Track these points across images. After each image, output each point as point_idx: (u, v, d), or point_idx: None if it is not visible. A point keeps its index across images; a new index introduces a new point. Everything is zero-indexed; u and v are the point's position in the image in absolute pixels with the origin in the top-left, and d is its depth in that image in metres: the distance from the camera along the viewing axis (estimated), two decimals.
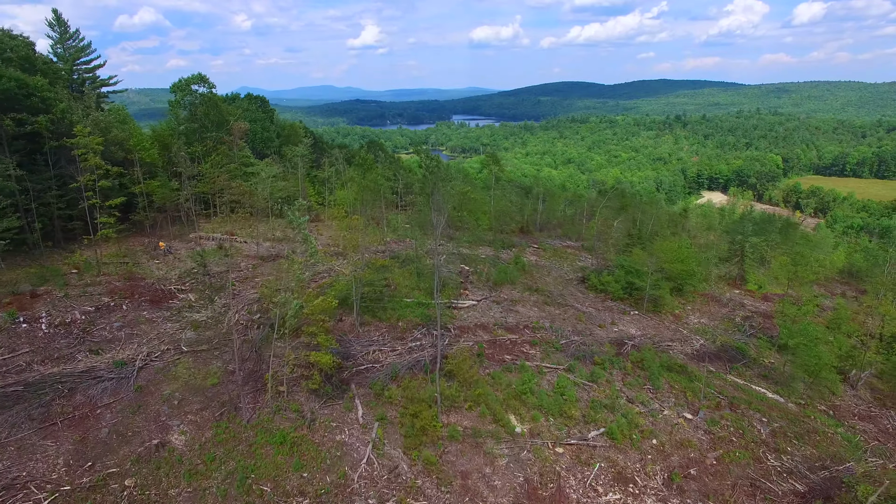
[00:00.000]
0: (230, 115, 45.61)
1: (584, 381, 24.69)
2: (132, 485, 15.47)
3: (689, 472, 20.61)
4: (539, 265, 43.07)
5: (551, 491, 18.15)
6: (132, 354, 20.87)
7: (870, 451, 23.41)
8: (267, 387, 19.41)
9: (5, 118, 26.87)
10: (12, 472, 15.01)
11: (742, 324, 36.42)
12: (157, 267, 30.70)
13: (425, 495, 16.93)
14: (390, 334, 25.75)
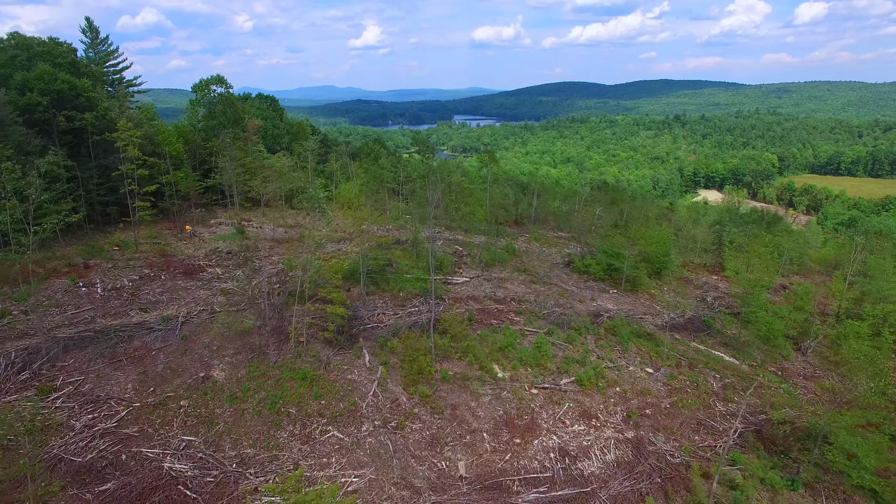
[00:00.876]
0: (245, 113, 49.55)
1: (561, 342, 28.47)
2: (186, 405, 19.34)
3: (646, 412, 24.36)
4: (529, 251, 46.83)
5: (526, 421, 21.94)
6: (174, 312, 24.76)
7: (805, 401, 27.11)
8: (289, 337, 23.25)
9: (58, 115, 30.79)
10: (95, 391, 18.90)
11: (712, 303, 40.21)
12: (186, 246, 34.62)
13: (421, 420, 20.75)
14: (392, 302, 29.58)
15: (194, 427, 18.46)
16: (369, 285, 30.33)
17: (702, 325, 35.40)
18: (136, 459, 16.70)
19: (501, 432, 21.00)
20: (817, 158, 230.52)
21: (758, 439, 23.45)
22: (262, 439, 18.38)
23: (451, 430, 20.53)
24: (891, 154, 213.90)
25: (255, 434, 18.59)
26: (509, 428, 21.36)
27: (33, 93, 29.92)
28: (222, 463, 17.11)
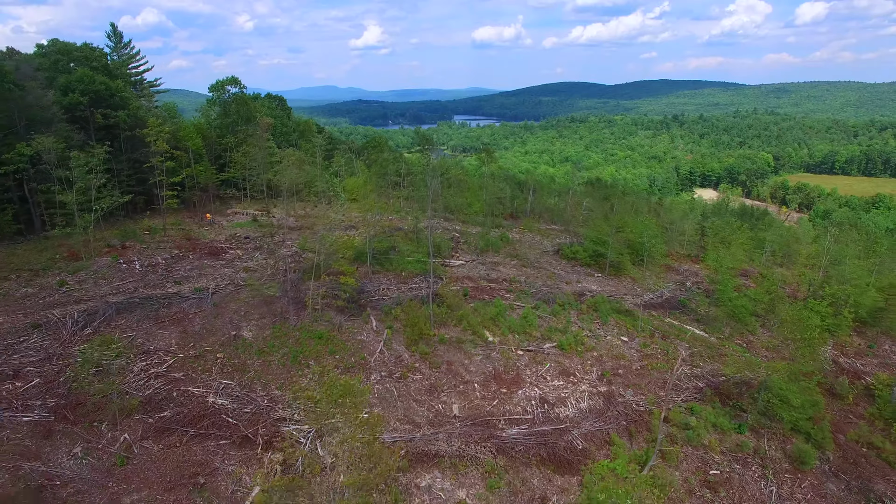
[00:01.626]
0: (257, 112, 53.04)
1: (546, 314, 31.89)
2: (222, 357, 22.80)
3: (618, 372, 27.75)
4: (521, 240, 50.26)
5: (512, 376, 25.36)
6: (205, 285, 28.23)
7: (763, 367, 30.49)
8: (307, 305, 26.71)
9: (96, 113, 34.26)
10: (146, 345, 22.37)
11: (690, 287, 43.61)
12: (207, 232, 38.09)
13: (421, 372, 24.19)
14: (395, 280, 33.03)
15: (229, 374, 21.91)
16: (375, 265, 33.79)
17: (678, 305, 38.81)
18: (185, 395, 20.16)
19: (490, 384, 24.43)
20: (812, 158, 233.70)
21: (715, 395, 26.83)
22: (287, 384, 21.83)
23: (446, 381, 23.97)
24: (884, 153, 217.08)
25: (281, 379, 22.04)
26: (497, 381, 24.79)
27: (75, 93, 33.43)
28: (255, 400, 20.56)
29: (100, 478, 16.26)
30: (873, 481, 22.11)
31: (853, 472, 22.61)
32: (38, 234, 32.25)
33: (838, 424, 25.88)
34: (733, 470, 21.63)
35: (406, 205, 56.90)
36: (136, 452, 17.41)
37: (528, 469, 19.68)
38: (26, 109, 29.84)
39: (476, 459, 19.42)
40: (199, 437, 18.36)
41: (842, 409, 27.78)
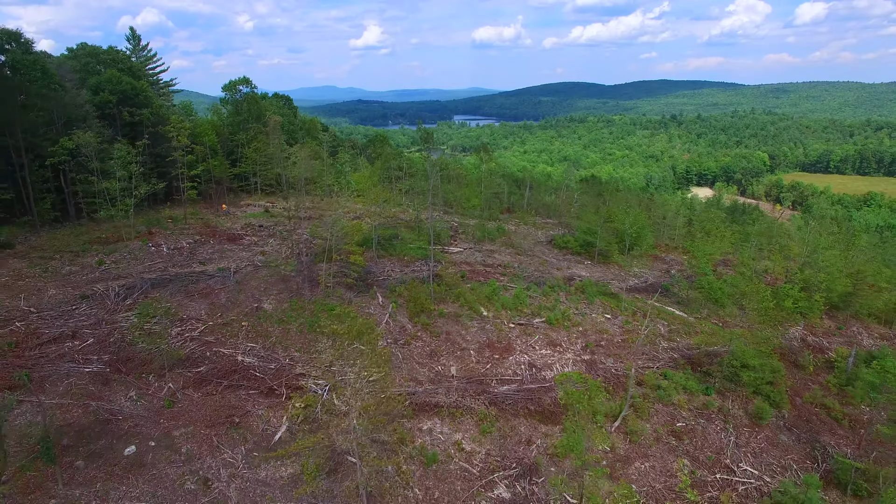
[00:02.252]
0: (266, 110, 56.04)
1: (537, 294, 34.83)
2: (246, 325, 25.77)
3: (601, 344, 30.69)
4: (517, 231, 53.22)
5: (504, 344, 28.32)
6: (226, 265, 31.20)
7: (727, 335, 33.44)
8: (319, 283, 29.68)
9: (123, 111, 37.24)
10: (180, 313, 25.34)
11: (674, 274, 46.53)
12: (223, 221, 41.06)
13: (422, 340, 27.15)
14: (399, 263, 36.00)
15: (254, 339, 24.88)
16: (380, 251, 36.76)
17: (661, 289, 41.76)
18: (217, 355, 23.12)
19: (484, 351, 27.39)
20: (808, 157, 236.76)
21: (687, 364, 29.77)
22: (304, 347, 24.79)
23: (445, 347, 26.93)
24: (878, 153, 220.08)
25: (299, 344, 25.01)
26: (490, 348, 27.75)
27: (105, 93, 36.40)
28: (278, 359, 23.53)
29: (152, 416, 19.24)
30: (821, 434, 25.07)
31: (804, 427, 25.56)
32: (72, 220, 35.24)
33: (797, 389, 28.83)
34: (698, 423, 24.59)
35: (407, 198, 59.96)
36: (180, 398, 20.38)
37: (517, 419, 22.63)
38: (65, 108, 32.78)
39: (471, 410, 22.39)
40: (231, 388, 21.33)
41: (803, 378, 30.71)
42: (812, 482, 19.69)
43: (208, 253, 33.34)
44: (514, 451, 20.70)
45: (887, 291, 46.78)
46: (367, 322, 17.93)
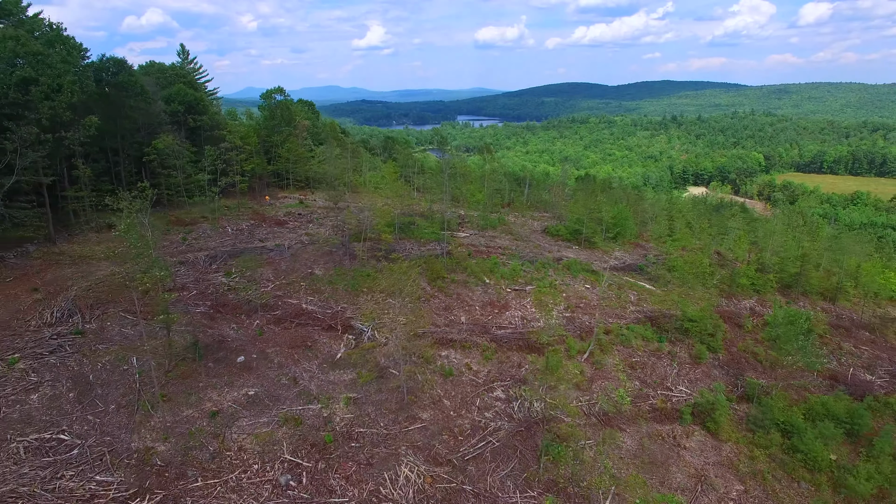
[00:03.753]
0: (296, 115, 63.89)
1: (529, 269, 42.42)
2: (304, 284, 33.55)
3: (580, 306, 38.22)
4: (516, 222, 60.85)
5: (502, 303, 35.95)
6: (281, 242, 39.01)
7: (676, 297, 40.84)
8: (356, 256, 37.44)
9: (188, 118, 45.10)
10: (254, 276, 33.15)
11: (650, 258, 54.01)
12: (268, 210, 48.91)
13: (438, 298, 34.82)
14: (416, 244, 43.71)
15: (311, 294, 32.64)
16: (401, 234, 44.47)
17: (637, 269, 49.30)
18: (286, 304, 30.88)
19: (487, 307, 35.04)
20: (802, 157, 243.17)
21: (648, 321, 37.28)
22: (350, 301, 32.53)
23: (457, 304, 34.62)
24: (870, 154, 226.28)
25: (346, 299, 32.75)
26: (491, 306, 35.39)
27: (174, 103, 44.26)
28: (332, 307, 31.28)
29: (250, 340, 27.02)
30: (745, 370, 32.58)
31: (733, 365, 33.10)
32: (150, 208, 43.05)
33: (733, 341, 36.35)
34: (650, 360, 32.14)
35: (419, 193, 67.68)
36: (266, 331, 28.15)
37: (511, 352, 30.25)
38: (150, 115, 40.62)
39: (477, 344, 30.04)
40: (301, 325, 29.08)
41: (742, 334, 38.19)
42: (719, 388, 27.30)
43: (263, 233, 41.19)
44: (508, 371, 28.34)
45: (834, 274, 54.25)
46: (405, 268, 25.59)
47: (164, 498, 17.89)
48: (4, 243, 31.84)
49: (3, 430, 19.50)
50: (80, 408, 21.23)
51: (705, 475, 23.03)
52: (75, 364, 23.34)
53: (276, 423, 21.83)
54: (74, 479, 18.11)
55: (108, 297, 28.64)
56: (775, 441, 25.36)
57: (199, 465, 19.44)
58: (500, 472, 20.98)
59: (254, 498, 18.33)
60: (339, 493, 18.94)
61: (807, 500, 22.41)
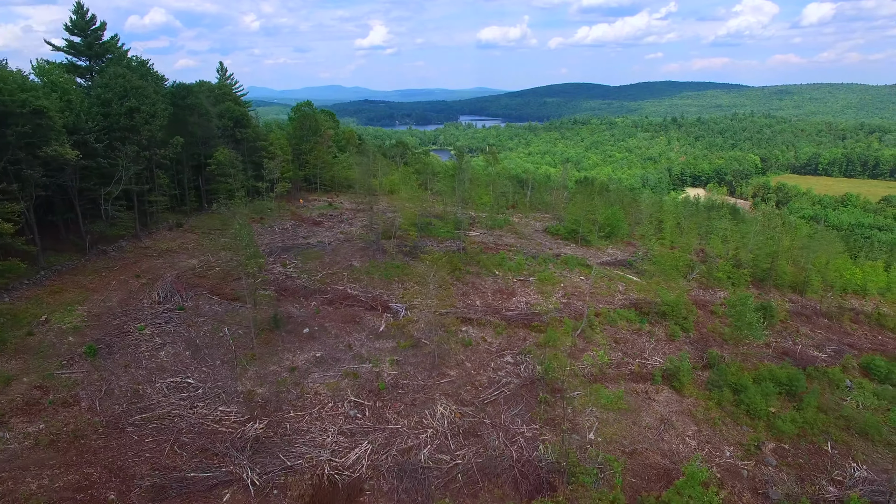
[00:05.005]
0: (322, 126, 70.86)
1: (532, 263, 49.27)
2: (346, 274, 40.52)
3: (575, 294, 45.04)
4: (520, 222, 67.72)
5: (509, 291, 42.82)
6: (321, 239, 45.98)
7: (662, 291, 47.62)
8: (387, 251, 44.37)
9: (236, 131, 52.06)
10: (301, 267, 40.13)
11: (639, 254, 60.81)
12: (303, 211, 55.91)
13: (456, 286, 41.74)
14: (435, 241, 50.61)
15: (352, 282, 39.57)
16: (421, 232, 51.39)
17: (626, 264, 56.13)
18: (334, 289, 37.83)
19: (497, 294, 41.93)
20: (798, 159, 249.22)
21: (633, 307, 44.06)
22: (385, 287, 39.46)
23: (472, 290, 41.54)
24: (863, 156, 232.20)
25: (381, 286, 39.68)
26: (501, 293, 42.27)
27: (225, 118, 51.24)
28: (371, 292, 38.23)
29: (310, 316, 33.97)
30: (710, 345, 39.39)
31: (701, 342, 39.91)
32: (205, 209, 50.13)
33: (704, 324, 43.12)
34: (631, 337, 38.98)
35: (433, 196, 74.61)
36: (322, 310, 35.10)
37: (517, 328, 37.11)
38: (207, 130, 47.60)
39: (490, 322, 36.93)
40: (348, 306, 36.00)
41: (712, 318, 44.94)
42: (684, 356, 34.16)
43: (304, 232, 48.19)
44: (515, 343, 35.23)
45: (805, 270, 60.96)
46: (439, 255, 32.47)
47: (270, 422, 24.87)
48: (105, 240, 38.91)
49: (149, 375, 26.57)
50: (195, 362, 28.26)
51: (668, 419, 29.89)
52: (184, 331, 30.38)
53: (339, 376, 28.80)
54: (205, 408, 25.13)
55: (194, 282, 35.67)
56: (727, 397, 32.18)
57: (289, 403, 26.43)
58: (510, 411, 27.90)
59: (332, 424, 25.29)
60: (394, 423, 25.88)
61: (744, 437, 29.25)
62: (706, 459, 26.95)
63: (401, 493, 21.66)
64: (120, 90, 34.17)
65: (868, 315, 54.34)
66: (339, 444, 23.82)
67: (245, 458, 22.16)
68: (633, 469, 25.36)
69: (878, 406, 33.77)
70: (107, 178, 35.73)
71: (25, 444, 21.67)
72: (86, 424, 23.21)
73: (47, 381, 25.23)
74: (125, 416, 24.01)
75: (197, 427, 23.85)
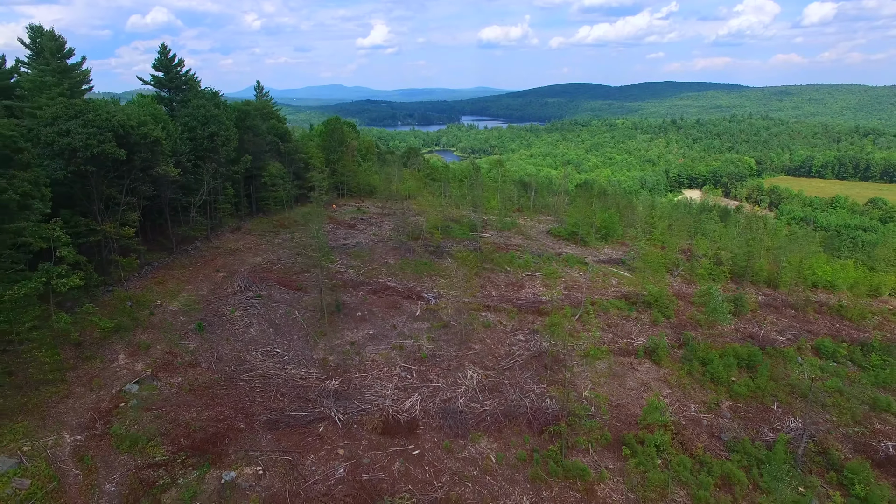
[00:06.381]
0: (347, 137, 78.83)
1: (537, 261, 57.23)
2: (384, 269, 48.52)
3: (574, 287, 52.97)
4: (525, 224, 75.69)
5: (519, 284, 50.79)
6: (358, 241, 54.00)
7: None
8: (415, 251, 52.37)
9: (280, 144, 59.99)
10: (346, 263, 48.13)
11: (631, 253, 68.71)
12: (337, 216, 63.91)
13: (475, 279, 49.73)
14: (454, 241, 58.61)
15: (389, 276, 47.57)
16: (442, 234, 59.36)
17: (620, 262, 64.08)
18: (375, 281, 45.85)
19: (509, 286, 49.91)
20: (793, 162, 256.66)
21: (624, 298, 51.97)
22: (416, 280, 47.45)
23: (488, 283, 49.53)
24: (855, 159, 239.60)
25: (413, 279, 47.68)
26: (512, 286, 50.24)
27: (271, 134, 59.21)
28: (407, 283, 46.23)
29: (360, 303, 41.99)
30: (687, 328, 47.32)
31: (680, 326, 47.80)
32: (255, 214, 58.14)
33: (683, 312, 51.04)
34: (621, 321, 46.91)
35: (446, 201, 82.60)
36: (368, 298, 43.10)
37: (526, 314, 45.05)
38: (257, 145, 55.59)
39: (504, 308, 44.89)
40: (389, 295, 43.99)
41: (692, 308, 52.84)
42: (662, 335, 42.12)
43: (342, 234, 56.22)
44: (525, 325, 43.19)
45: (781, 267, 68.81)
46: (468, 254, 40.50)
47: (342, 380, 32.88)
48: (185, 241, 46.95)
49: (246, 345, 34.64)
50: (278, 337, 36.31)
51: (647, 383, 37.84)
52: (265, 314, 38.43)
53: (389, 348, 36.81)
54: (293, 370, 33.18)
55: (263, 276, 43.72)
56: (696, 368, 40.12)
57: (354, 367, 34.46)
58: (523, 375, 35.89)
59: (388, 382, 33.31)
60: (435, 381, 33.88)
61: (707, 398, 37.18)
62: (675, 413, 34.91)
63: (445, 428, 29.65)
64: (202, 118, 42.09)
65: (830, 307, 62.20)
66: (396, 396, 31.84)
67: (331, 402, 30.20)
68: (618, 417, 33.35)
69: (819, 376, 41.69)
70: (189, 190, 43.72)
71: (173, 391, 29.74)
72: (209, 379, 31.26)
73: (174, 348, 33.31)
74: (236, 374, 32.06)
75: (290, 382, 31.89)
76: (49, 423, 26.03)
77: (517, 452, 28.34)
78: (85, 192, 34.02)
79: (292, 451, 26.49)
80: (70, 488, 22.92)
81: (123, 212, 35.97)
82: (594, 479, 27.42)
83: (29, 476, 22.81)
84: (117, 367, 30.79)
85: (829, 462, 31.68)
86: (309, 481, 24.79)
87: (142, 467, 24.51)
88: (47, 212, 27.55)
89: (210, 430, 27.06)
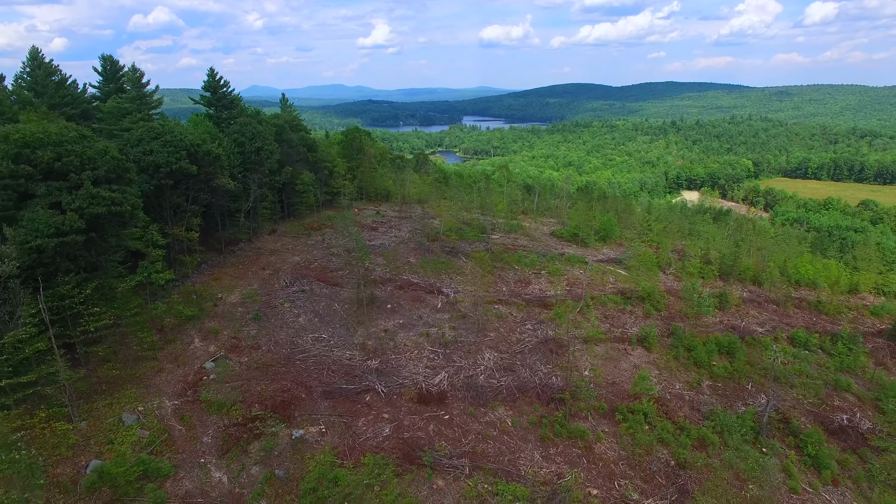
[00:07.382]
0: (365, 145, 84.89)
1: (542, 260, 63.26)
2: (407, 268, 54.61)
3: (575, 283, 58.97)
4: (530, 226, 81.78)
5: (526, 281, 56.84)
6: (381, 242, 60.12)
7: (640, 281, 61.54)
8: (433, 251, 58.49)
9: (308, 154, 66.07)
10: (375, 261, 54.26)
11: (629, 254, 74.73)
12: (359, 219, 70.05)
13: (487, 277, 55.80)
14: (467, 242, 64.71)
15: (412, 273, 53.66)
16: (456, 236, 65.44)
17: (617, 261, 70.13)
18: (400, 278, 51.94)
19: (517, 282, 55.99)
20: (789, 163, 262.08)
21: (620, 293, 57.95)
22: (436, 277, 53.54)
23: (499, 280, 55.62)
24: (850, 161, 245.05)
25: (433, 276, 53.77)
26: (520, 283, 56.32)
27: (300, 145, 65.30)
28: (428, 280, 52.34)
29: (389, 297, 48.10)
30: (675, 320, 53.35)
31: (669, 318, 53.85)
32: (287, 217, 64.28)
33: (673, 306, 57.05)
34: (617, 314, 52.95)
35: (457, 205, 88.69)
36: (396, 293, 49.20)
37: (534, 307, 51.10)
38: (289, 155, 61.70)
39: (514, 302, 50.97)
40: (413, 290, 50.08)
41: (681, 302, 58.85)
42: (652, 326, 48.18)
43: (367, 236, 62.36)
44: (533, 316, 49.27)
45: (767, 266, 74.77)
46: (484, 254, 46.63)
47: (381, 360, 38.98)
48: (231, 243, 53.10)
49: (297, 332, 40.80)
50: (323, 325, 42.44)
51: (639, 366, 43.89)
52: (310, 306, 44.56)
53: (417, 335, 42.92)
54: (339, 352, 39.33)
55: (303, 273, 49.86)
56: (682, 353, 46.16)
57: (390, 350, 40.59)
58: (533, 357, 41.98)
59: (419, 362, 39.40)
60: (458, 362, 39.98)
61: (690, 378, 43.23)
62: (662, 390, 40.96)
63: (469, 398, 35.75)
64: (250, 134, 48.19)
65: (810, 302, 68.17)
66: (427, 373, 37.95)
67: (374, 378, 36.33)
68: (614, 392, 39.42)
69: (790, 361, 47.73)
70: (237, 198, 49.84)
71: (242, 368, 35.90)
72: (270, 359, 37.41)
73: (237, 334, 39.46)
74: (292, 355, 38.20)
75: (338, 362, 38.03)
76: (151, 392, 32.19)
77: (529, 418, 34.44)
78: (158, 201, 40.13)
79: (346, 415, 32.61)
80: (178, 439, 29.08)
81: (188, 218, 42.06)
82: (592, 439, 33.51)
83: (147, 429, 28.98)
84: (195, 349, 36.96)
85: (790, 430, 37.71)
86: (362, 438, 30.92)
87: (228, 426, 30.65)
88: (146, 220, 33.66)
89: (278, 398, 33.18)
